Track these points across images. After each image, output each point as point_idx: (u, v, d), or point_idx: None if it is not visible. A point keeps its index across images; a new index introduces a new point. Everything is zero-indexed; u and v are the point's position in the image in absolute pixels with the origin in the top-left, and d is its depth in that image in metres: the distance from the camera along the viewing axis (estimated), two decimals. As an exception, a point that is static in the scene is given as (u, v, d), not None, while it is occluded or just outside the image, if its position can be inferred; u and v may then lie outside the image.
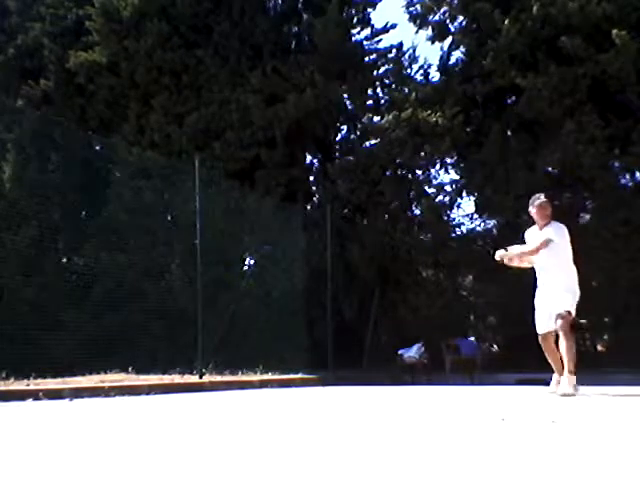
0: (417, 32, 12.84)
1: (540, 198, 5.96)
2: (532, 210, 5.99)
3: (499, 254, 6.00)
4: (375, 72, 13.01)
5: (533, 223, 6.02)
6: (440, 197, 12.52)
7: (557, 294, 5.65)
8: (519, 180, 10.97)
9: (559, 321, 5.46)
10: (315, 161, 13.70)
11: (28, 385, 5.89)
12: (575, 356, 5.38)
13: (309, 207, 12.88)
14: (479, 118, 12.04)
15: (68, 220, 10.27)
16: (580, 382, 5.35)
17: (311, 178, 13.52)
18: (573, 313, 5.62)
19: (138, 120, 12.18)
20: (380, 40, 13.06)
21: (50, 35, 13.17)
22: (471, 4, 11.79)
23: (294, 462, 2.12)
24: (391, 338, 11.61)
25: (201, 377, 7.59)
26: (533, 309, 5.85)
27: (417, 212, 12.59)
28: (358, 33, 13.17)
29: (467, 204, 16.00)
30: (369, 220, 11.75)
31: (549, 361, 5.78)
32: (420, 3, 12.64)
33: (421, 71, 12.93)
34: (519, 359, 10.37)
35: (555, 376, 5.65)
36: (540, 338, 5.73)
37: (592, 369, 9.69)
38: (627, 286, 10.54)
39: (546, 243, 5.76)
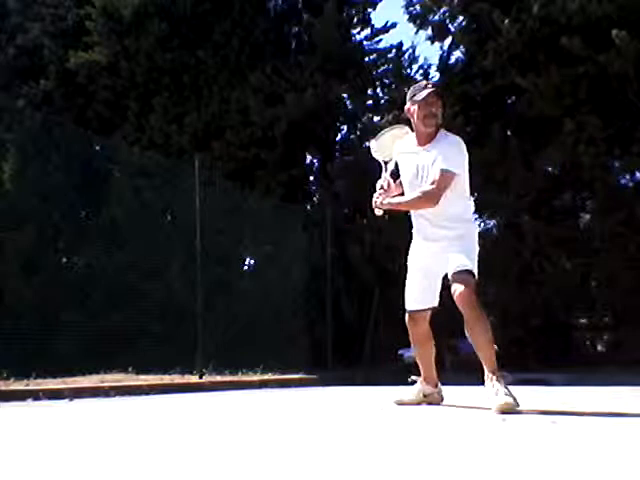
0: (417, 32, 12.86)
1: (428, 87, 3.82)
2: (412, 107, 3.81)
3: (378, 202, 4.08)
4: (375, 72, 13.03)
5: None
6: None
7: (459, 248, 3.77)
8: (519, 180, 10.97)
9: (462, 288, 3.62)
10: (315, 161, 13.71)
11: (28, 385, 5.88)
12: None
13: (309, 207, 12.89)
14: (479, 118, 12.06)
15: (68, 220, 10.25)
16: (581, 382, 5.33)
17: (311, 178, 13.53)
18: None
19: (138, 120, 12.18)
20: (380, 40, 13.10)
21: (50, 35, 13.17)
22: (471, 4, 11.79)
23: (294, 463, 2.12)
24: (391, 338, 11.60)
25: (201, 377, 7.59)
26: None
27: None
28: (358, 33, 13.21)
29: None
30: (369, 220, 11.74)
31: (420, 360, 4.17)
32: (420, 3, 12.65)
33: (421, 71, 12.97)
34: (519, 359, 10.38)
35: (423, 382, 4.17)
36: (414, 321, 4.04)
37: (592, 369, 9.69)
38: (627, 286, 10.55)
39: (445, 179, 3.69)
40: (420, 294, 3.98)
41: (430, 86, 3.87)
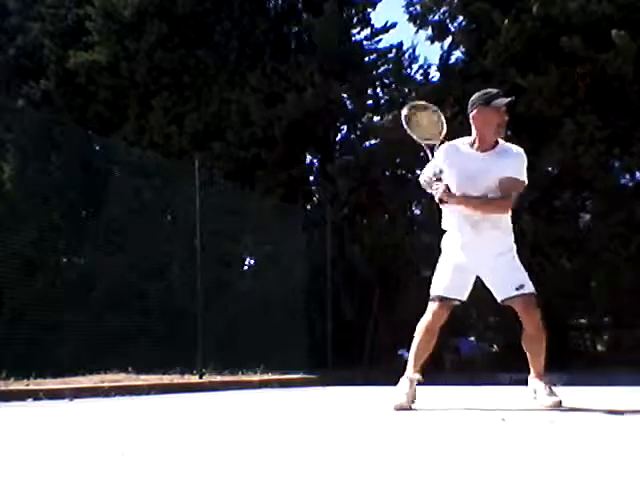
0: (417, 32, 12.85)
1: (501, 95, 3.90)
2: (484, 112, 3.86)
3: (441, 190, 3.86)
4: (375, 72, 13.02)
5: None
6: (440, 197, 12.56)
7: (509, 260, 3.93)
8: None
9: (533, 313, 3.94)
10: (315, 161, 13.71)
11: (28, 385, 5.89)
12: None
13: (309, 207, 12.89)
14: (479, 118, 12.04)
15: (68, 220, 10.25)
16: (581, 382, 5.32)
17: (311, 178, 13.53)
18: None
19: (138, 120, 12.18)
20: (380, 40, 13.09)
21: (50, 35, 13.16)
22: (471, 4, 11.79)
23: (294, 464, 2.12)
24: (391, 338, 11.60)
25: (201, 377, 7.60)
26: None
27: (417, 212, 12.61)
28: (358, 33, 13.20)
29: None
30: (369, 220, 11.76)
31: (417, 351, 4.05)
32: (420, 3, 12.64)
33: (421, 71, 12.95)
34: (519, 359, 10.37)
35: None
36: (437, 308, 3.94)
37: (592, 369, 9.69)
38: (627, 286, 10.54)
39: (518, 188, 3.90)
40: (453, 284, 3.94)
41: (502, 94, 3.90)
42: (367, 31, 13.10)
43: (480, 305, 13.40)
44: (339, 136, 13.52)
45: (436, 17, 12.64)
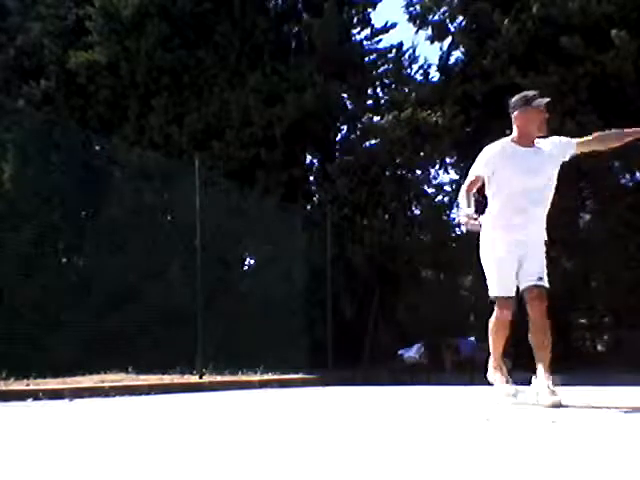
0: (417, 32, 12.89)
1: (538, 96, 4.33)
2: (519, 115, 4.32)
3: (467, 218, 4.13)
4: (375, 72, 13.03)
5: None
6: (440, 197, 12.58)
7: (541, 254, 4.36)
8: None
9: (540, 303, 4.17)
10: (315, 161, 13.71)
11: (28, 385, 5.88)
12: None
13: (309, 207, 12.89)
14: (479, 118, 12.07)
15: (68, 220, 10.26)
16: (581, 382, 5.32)
17: (311, 178, 13.53)
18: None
19: (138, 120, 12.19)
20: (380, 40, 13.11)
21: (50, 35, 13.17)
22: (471, 4, 11.81)
23: (293, 463, 2.12)
24: (391, 338, 11.60)
25: (201, 377, 7.59)
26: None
27: (417, 212, 12.63)
28: (358, 33, 13.21)
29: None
30: (369, 220, 11.76)
31: (495, 349, 4.44)
32: (420, 3, 12.66)
33: (421, 71, 12.98)
34: (519, 359, 10.36)
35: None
36: (501, 306, 4.27)
37: (592, 369, 9.70)
38: (627, 286, 10.55)
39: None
40: (506, 282, 4.22)
41: (539, 96, 4.31)
42: (367, 31, 13.13)
43: (479, 305, 13.42)
44: (339, 136, 13.54)
45: (436, 17, 12.66)
